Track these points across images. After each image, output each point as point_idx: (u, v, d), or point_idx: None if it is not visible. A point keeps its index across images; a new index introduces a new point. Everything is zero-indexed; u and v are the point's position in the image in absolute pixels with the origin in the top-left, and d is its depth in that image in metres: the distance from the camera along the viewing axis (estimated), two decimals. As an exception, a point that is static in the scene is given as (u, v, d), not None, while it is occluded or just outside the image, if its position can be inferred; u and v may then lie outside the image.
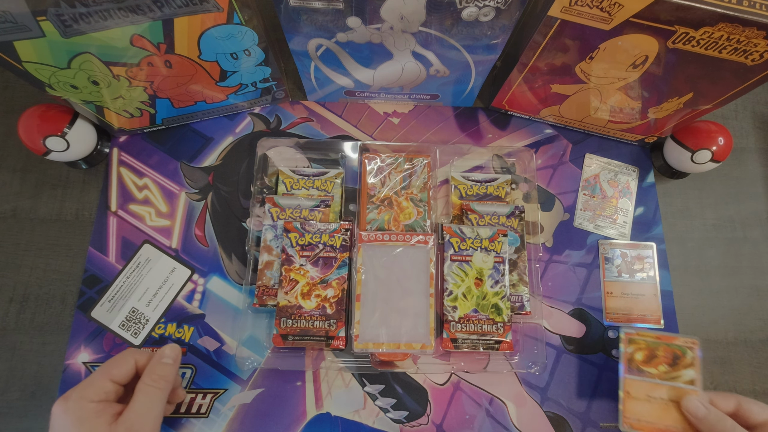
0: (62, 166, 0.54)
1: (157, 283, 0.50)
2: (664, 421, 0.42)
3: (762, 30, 0.35)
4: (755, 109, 0.63)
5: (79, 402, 0.36)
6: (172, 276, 0.50)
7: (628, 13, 0.36)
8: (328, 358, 0.48)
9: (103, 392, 0.37)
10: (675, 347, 0.44)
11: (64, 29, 0.36)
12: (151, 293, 0.50)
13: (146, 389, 0.37)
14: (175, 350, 0.40)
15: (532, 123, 0.59)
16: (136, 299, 0.49)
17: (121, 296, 0.49)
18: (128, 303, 0.49)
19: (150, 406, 0.37)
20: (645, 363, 0.44)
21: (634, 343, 0.45)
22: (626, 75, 0.45)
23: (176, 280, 0.50)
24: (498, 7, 0.38)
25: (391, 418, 0.47)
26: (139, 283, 0.50)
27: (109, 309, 0.49)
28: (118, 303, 0.49)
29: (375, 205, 0.52)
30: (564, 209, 0.56)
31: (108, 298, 0.49)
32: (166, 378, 0.38)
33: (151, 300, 0.49)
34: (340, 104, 0.58)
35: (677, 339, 0.44)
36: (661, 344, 0.44)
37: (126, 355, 0.39)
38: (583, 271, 0.53)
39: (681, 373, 0.43)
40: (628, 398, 0.44)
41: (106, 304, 0.49)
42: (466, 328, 0.47)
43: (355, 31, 0.41)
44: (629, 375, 0.44)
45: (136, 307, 0.49)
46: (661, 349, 0.44)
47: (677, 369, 0.43)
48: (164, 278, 0.50)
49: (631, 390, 0.44)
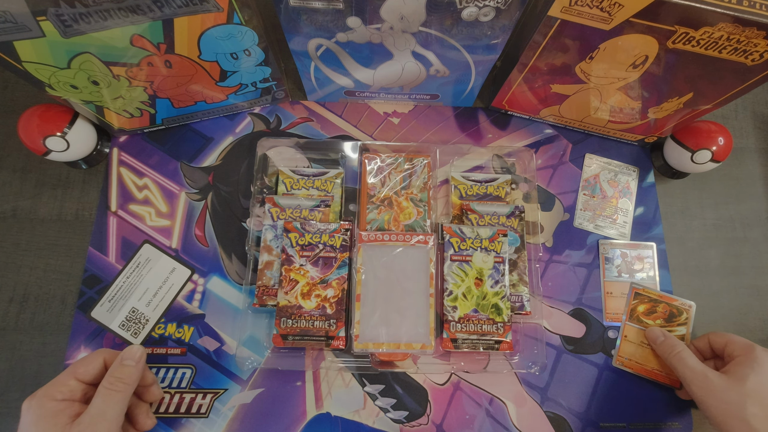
0: (62, 166, 0.54)
1: (157, 283, 0.50)
2: (650, 364, 0.49)
3: (762, 30, 0.35)
4: (755, 109, 0.63)
5: (42, 400, 0.36)
6: (172, 276, 0.50)
7: (628, 13, 0.36)
8: (328, 358, 0.48)
9: (67, 390, 0.37)
10: (673, 306, 0.51)
11: (64, 29, 0.36)
12: (151, 293, 0.50)
13: (103, 392, 0.37)
14: (136, 352, 0.40)
15: (532, 123, 0.59)
16: (136, 299, 0.49)
17: (121, 296, 0.49)
18: (128, 303, 0.49)
19: (105, 408, 0.36)
20: (645, 315, 0.51)
21: (639, 297, 0.51)
22: (626, 75, 0.45)
23: (176, 280, 0.50)
24: (498, 7, 0.38)
25: (391, 418, 0.47)
26: (139, 283, 0.50)
27: (109, 309, 0.49)
28: (118, 303, 0.49)
29: (375, 205, 0.52)
30: (564, 209, 0.56)
31: (108, 298, 0.49)
32: (125, 380, 0.38)
33: (151, 300, 0.49)
34: (340, 104, 0.58)
35: (676, 300, 0.51)
36: (662, 302, 0.51)
37: (96, 354, 0.40)
38: (583, 271, 0.53)
39: (674, 329, 0.50)
40: (624, 341, 0.50)
41: (106, 304, 0.49)
42: (466, 328, 0.47)
43: (355, 31, 0.41)
44: (629, 322, 0.51)
45: (136, 307, 0.49)
46: (661, 306, 0.51)
47: (672, 325, 0.50)
48: (164, 278, 0.50)
49: (629, 335, 0.51)
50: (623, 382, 0.50)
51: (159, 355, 0.48)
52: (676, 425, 0.49)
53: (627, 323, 0.51)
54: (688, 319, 0.50)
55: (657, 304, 0.51)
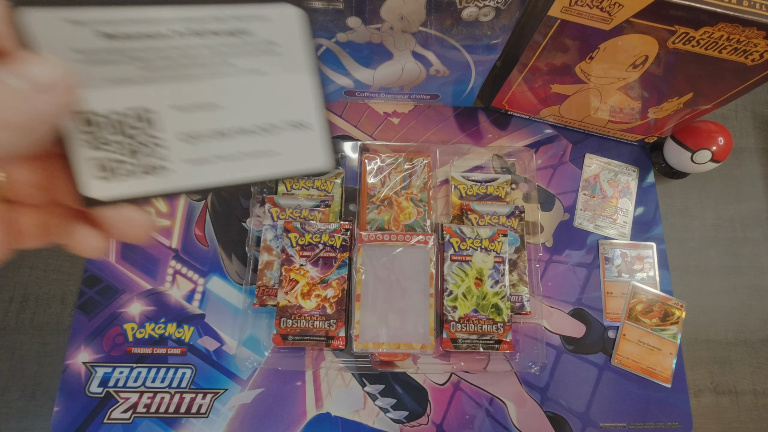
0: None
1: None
2: (647, 362, 0.51)
3: (762, 30, 0.35)
4: (755, 109, 0.63)
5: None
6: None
7: (628, 13, 0.36)
8: (328, 358, 0.48)
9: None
10: (667, 306, 0.52)
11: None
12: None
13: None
14: (46, 65, 0.16)
15: (532, 123, 0.59)
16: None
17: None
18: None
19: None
20: (642, 314, 0.52)
21: (638, 296, 0.53)
22: (626, 75, 0.45)
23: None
24: (498, 7, 0.38)
25: (391, 418, 0.47)
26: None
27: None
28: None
29: (375, 205, 0.52)
30: (564, 209, 0.56)
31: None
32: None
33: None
34: (340, 104, 0.58)
35: (670, 300, 0.53)
36: (657, 302, 0.52)
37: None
38: (583, 271, 0.53)
39: (668, 327, 0.52)
40: (623, 339, 0.51)
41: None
42: (466, 328, 0.47)
43: (355, 31, 0.41)
44: (628, 321, 0.52)
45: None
46: (657, 306, 0.52)
47: (665, 324, 0.52)
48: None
49: (627, 333, 0.51)
50: (623, 383, 0.50)
51: (159, 355, 0.48)
52: (676, 425, 0.49)
53: (626, 322, 0.52)
54: (680, 319, 0.52)
55: (653, 304, 0.52)
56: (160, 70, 0.17)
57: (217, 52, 0.17)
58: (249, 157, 0.18)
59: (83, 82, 0.16)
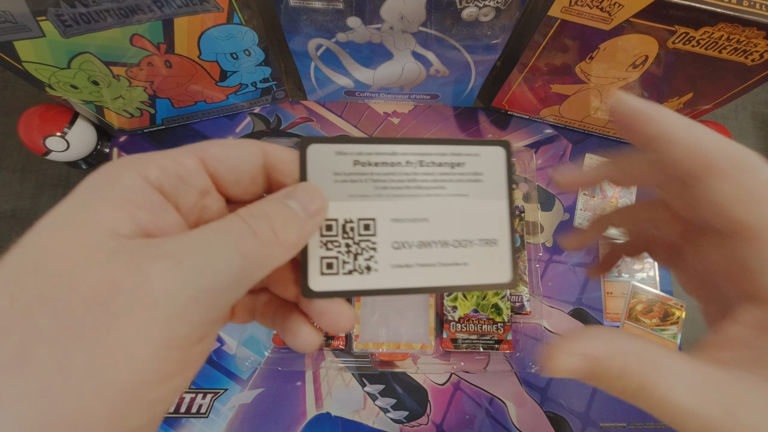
0: (62, 166, 0.54)
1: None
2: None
3: (762, 30, 0.35)
4: (755, 109, 0.63)
5: (130, 169, 0.17)
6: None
7: (628, 13, 0.36)
8: (328, 358, 0.48)
9: (173, 173, 0.18)
10: (667, 306, 0.53)
11: (64, 29, 0.36)
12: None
13: (234, 221, 0.17)
14: (315, 197, 0.19)
15: (532, 123, 0.59)
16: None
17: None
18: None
19: (211, 246, 0.16)
20: (642, 314, 0.52)
21: (638, 296, 0.53)
22: (626, 75, 0.45)
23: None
24: (498, 7, 0.38)
25: (391, 418, 0.47)
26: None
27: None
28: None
29: (375, 205, 0.52)
30: (564, 209, 0.56)
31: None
32: (274, 226, 0.17)
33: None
34: (340, 104, 0.58)
35: (670, 300, 0.53)
36: (657, 302, 0.53)
37: (253, 141, 0.20)
38: (583, 272, 0.53)
39: (668, 327, 0.52)
40: None
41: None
42: (466, 328, 0.47)
43: (355, 31, 0.41)
44: (628, 321, 0.52)
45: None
46: (657, 306, 0.52)
47: (665, 324, 0.52)
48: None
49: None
50: (623, 382, 0.50)
51: (159, 355, 0.48)
52: (676, 425, 0.49)
53: (626, 322, 0.52)
54: (680, 319, 0.52)
55: (653, 304, 0.52)
56: (390, 189, 0.21)
57: (435, 178, 0.21)
58: (443, 266, 0.21)
59: (333, 195, 0.20)
